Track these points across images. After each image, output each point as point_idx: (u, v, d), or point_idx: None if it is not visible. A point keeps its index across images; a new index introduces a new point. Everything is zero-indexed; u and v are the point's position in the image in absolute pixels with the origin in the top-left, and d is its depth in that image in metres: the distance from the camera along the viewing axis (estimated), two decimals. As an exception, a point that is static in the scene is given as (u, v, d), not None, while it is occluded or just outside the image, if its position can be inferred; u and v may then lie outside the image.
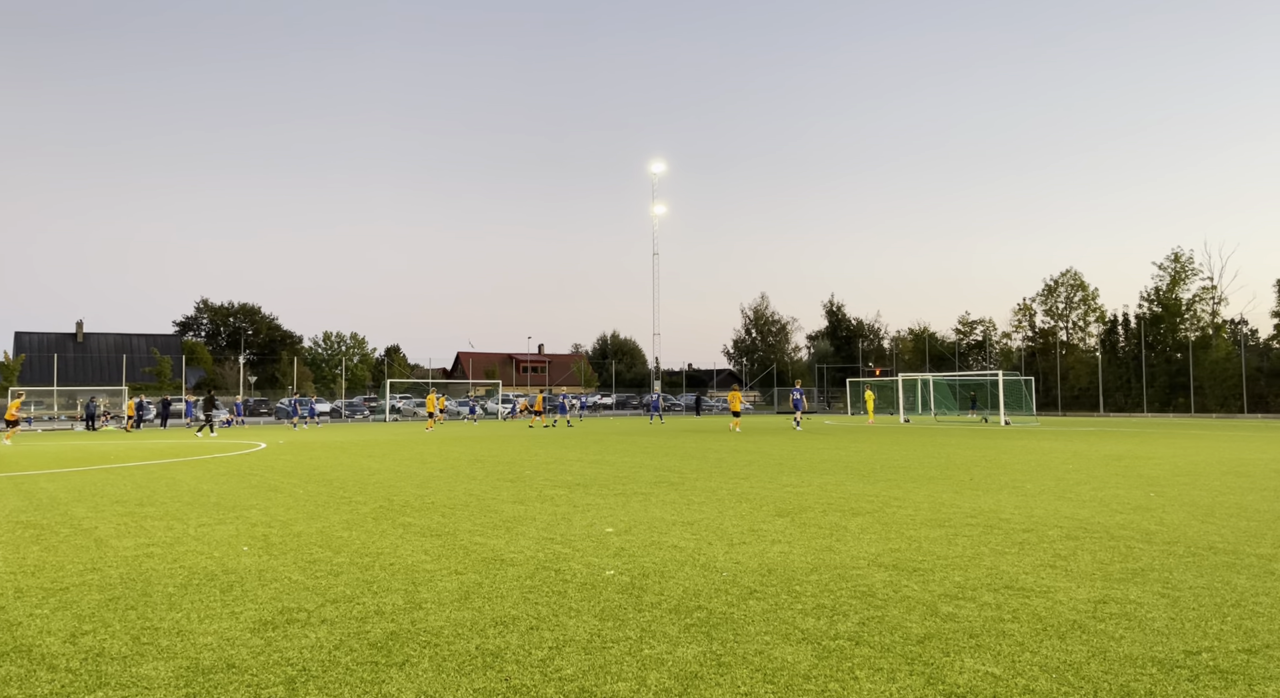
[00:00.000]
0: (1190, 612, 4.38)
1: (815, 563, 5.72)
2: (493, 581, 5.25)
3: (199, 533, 7.24)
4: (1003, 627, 4.13)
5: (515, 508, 8.66)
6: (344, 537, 6.97)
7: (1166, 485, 10.37)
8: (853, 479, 11.40)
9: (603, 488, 10.47)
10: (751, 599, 4.73)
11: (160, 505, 9.17)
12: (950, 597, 4.74)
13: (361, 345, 76.77)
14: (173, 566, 5.82)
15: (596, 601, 4.73)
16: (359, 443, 22.98)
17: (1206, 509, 8.20)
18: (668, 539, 6.69)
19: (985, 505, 8.57)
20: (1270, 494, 9.40)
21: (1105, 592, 4.83)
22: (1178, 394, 56.44)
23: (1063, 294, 67.81)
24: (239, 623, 4.33)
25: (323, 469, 13.83)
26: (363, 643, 3.97)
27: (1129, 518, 7.64)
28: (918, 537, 6.72)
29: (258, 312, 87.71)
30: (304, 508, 8.85)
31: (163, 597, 4.91)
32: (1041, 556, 5.91)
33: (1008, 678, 3.41)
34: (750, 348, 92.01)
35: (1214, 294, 59.92)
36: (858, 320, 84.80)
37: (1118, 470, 12.51)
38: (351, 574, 5.49)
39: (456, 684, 3.41)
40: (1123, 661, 3.62)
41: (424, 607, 4.63)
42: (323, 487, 10.99)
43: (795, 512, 8.22)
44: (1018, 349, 68.57)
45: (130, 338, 73.02)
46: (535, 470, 13.15)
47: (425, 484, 11.18)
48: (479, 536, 6.95)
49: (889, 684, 3.36)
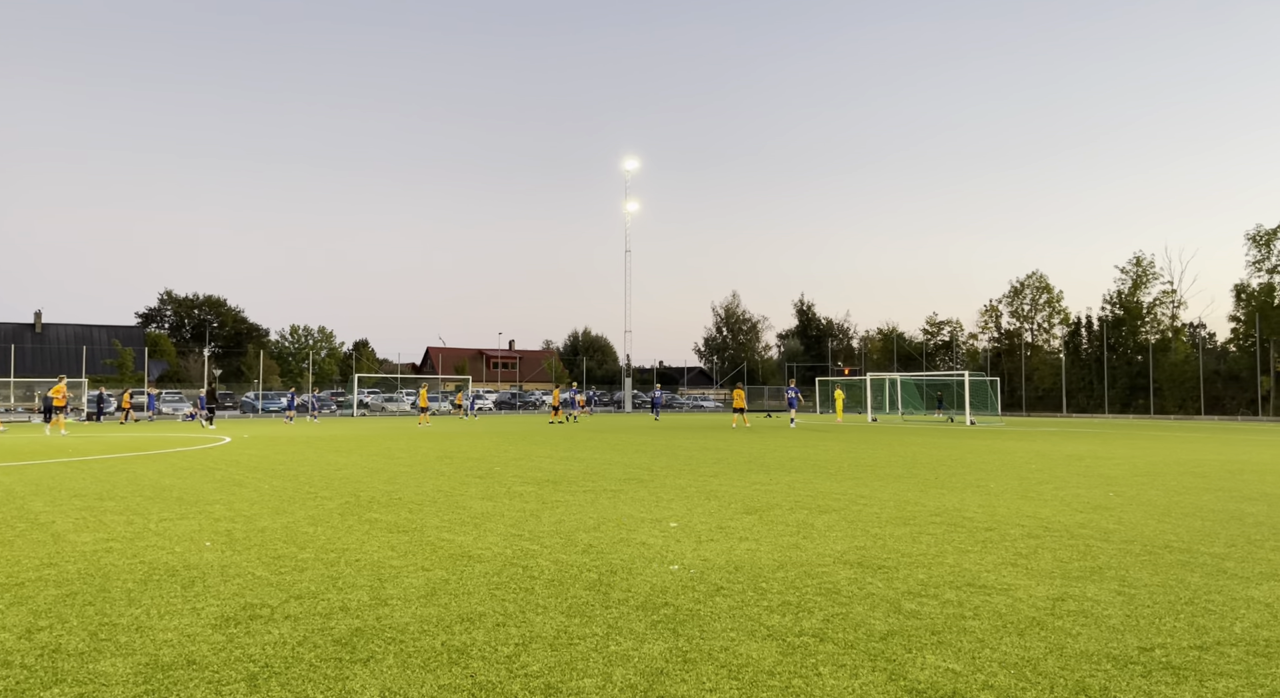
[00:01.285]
0: (1145, 609, 4.49)
1: (782, 560, 5.76)
2: (459, 577, 5.23)
3: (160, 528, 7.12)
4: (964, 624, 4.20)
5: (484, 504, 8.63)
6: (309, 532, 6.90)
7: (1125, 485, 10.58)
8: (820, 477, 11.50)
9: (572, 485, 10.47)
10: (718, 596, 4.76)
11: (120, 500, 9.01)
12: (913, 594, 4.80)
13: (329, 339, 76.00)
14: (132, 561, 5.73)
15: (564, 597, 4.73)
16: (326, 438, 22.74)
17: (1163, 509, 8.39)
18: (636, 536, 6.71)
19: (949, 504, 8.69)
20: (1224, 494, 9.63)
21: (1064, 589, 4.92)
22: (1138, 396, 57.59)
23: (1028, 296, 68.86)
24: (200, 619, 4.28)
25: (288, 464, 13.67)
26: (327, 639, 3.94)
27: (1089, 517, 7.79)
28: (883, 534, 6.80)
29: (223, 304, 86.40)
30: (268, 503, 8.74)
31: (122, 593, 4.83)
32: (1003, 554, 6.01)
33: (968, 674, 3.47)
34: (721, 346, 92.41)
35: (1174, 298, 61.21)
36: (827, 320, 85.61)
37: (1079, 470, 12.74)
38: (316, 570, 5.43)
39: (421, 681, 3.40)
40: (1079, 657, 3.69)
41: (389, 603, 4.60)
42: (288, 482, 10.87)
43: (763, 509, 8.27)
44: (984, 350, 69.53)
45: (91, 329, 71.52)
46: (505, 467, 13.11)
47: (393, 480, 11.10)
48: (446, 532, 6.92)
49: (852, 681, 3.40)
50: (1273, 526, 7.33)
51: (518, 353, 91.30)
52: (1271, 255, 54.68)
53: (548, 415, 44.94)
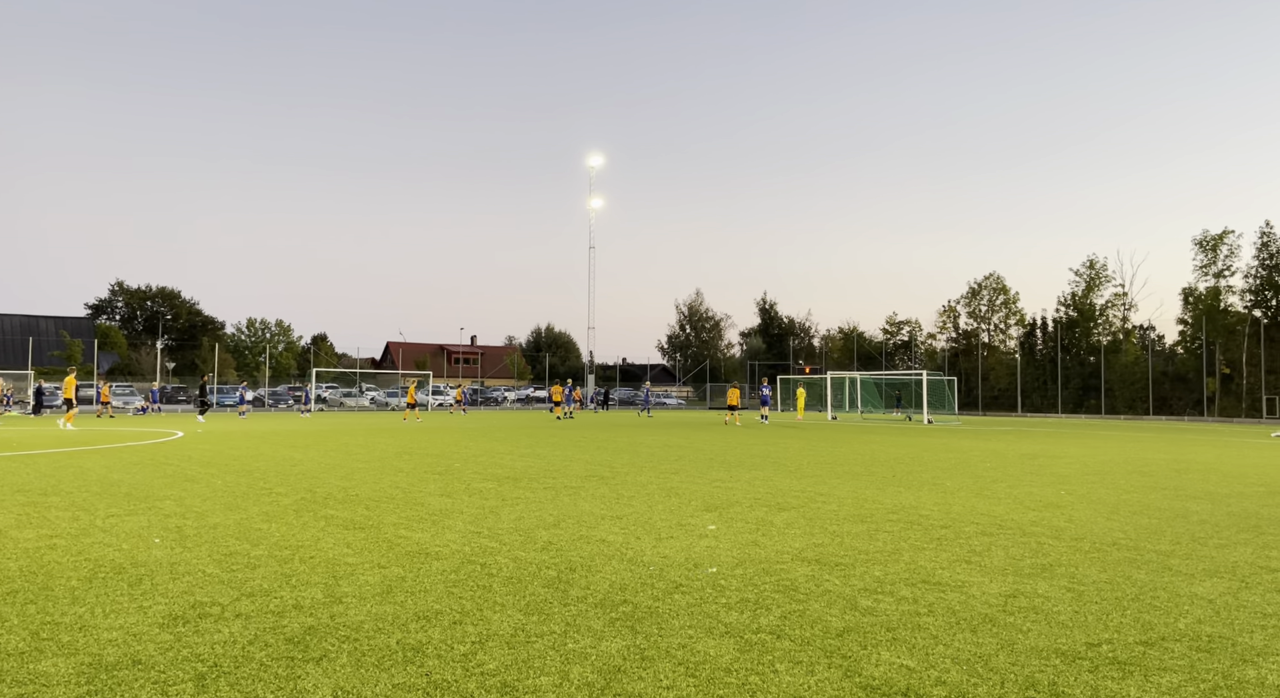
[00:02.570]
0: (1093, 606, 4.58)
1: (740, 557, 5.79)
2: (416, 575, 5.17)
3: (107, 524, 6.94)
4: (919, 620, 4.25)
5: (442, 501, 8.54)
6: (263, 529, 6.77)
7: (1076, 484, 10.82)
8: (780, 475, 11.58)
9: (533, 482, 10.42)
10: (677, 593, 4.77)
11: (66, 495, 8.76)
12: (869, 591, 4.85)
13: (287, 333, 74.68)
14: (77, 558, 5.57)
15: (522, 595, 4.70)
16: (282, 433, 22.37)
17: (1112, 507, 8.59)
18: (596, 533, 6.69)
19: (906, 502, 8.80)
20: (1169, 493, 9.89)
21: (1016, 586, 5.01)
22: (1090, 396, 58.91)
23: (985, 297, 70.03)
24: (147, 618, 4.17)
25: (243, 459, 13.41)
26: (279, 638, 3.87)
27: (1041, 515, 7.95)
28: (841, 532, 6.87)
29: (177, 296, 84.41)
30: (221, 499, 8.57)
31: (65, 591, 4.70)
32: (958, 551, 6.10)
33: (921, 670, 3.51)
34: (684, 344, 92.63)
35: (1125, 300, 62.72)
36: (789, 319, 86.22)
37: (1032, 469, 12.99)
38: (269, 567, 5.34)
39: (375, 680, 3.35)
40: (1029, 652, 3.76)
41: (344, 601, 4.53)
42: (242, 477, 10.66)
43: (723, 506, 8.31)
44: (942, 350, 70.58)
45: (38, 319, 69.53)
46: (464, 464, 13.01)
47: (350, 476, 10.95)
48: (404, 529, 6.84)
49: (808, 677, 3.42)
50: (1215, 523, 7.54)
51: (480, 348, 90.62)
52: (1218, 260, 56.25)
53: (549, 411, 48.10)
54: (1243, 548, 6.34)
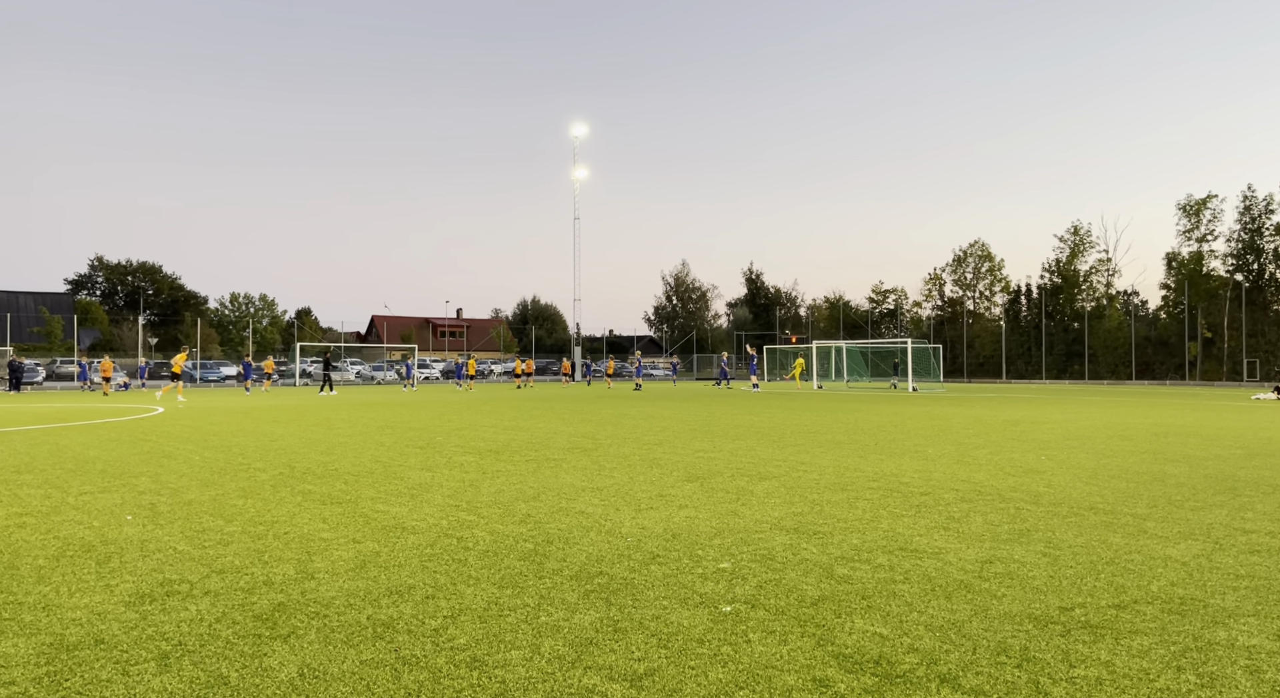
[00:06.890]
0: (1068, 570, 4.59)
1: (719, 527, 5.77)
2: (391, 549, 5.12)
3: (79, 502, 6.85)
4: (894, 588, 4.24)
5: (422, 475, 8.49)
6: (238, 505, 6.70)
7: (1057, 449, 10.87)
8: (763, 444, 11.59)
9: (515, 454, 10.38)
10: (653, 564, 4.74)
11: (39, 473, 8.66)
12: (846, 559, 4.84)
13: (271, 307, 74.06)
14: (46, 536, 5.49)
15: (497, 568, 4.66)
16: (263, 408, 22.23)
17: (1091, 472, 8.63)
18: (575, 505, 6.66)
19: (887, 470, 8.82)
20: (1148, 456, 9.95)
21: (992, 552, 5.01)
22: (1073, 362, 59.35)
23: (971, 265, 70.20)
24: (113, 596, 4.11)
25: (222, 435, 13.30)
26: (247, 615, 3.81)
27: (1020, 481, 7.98)
28: (820, 500, 6.86)
29: (159, 271, 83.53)
30: (198, 475, 8.48)
31: (31, 570, 4.62)
32: (936, 518, 6.10)
33: (894, 638, 3.50)
34: (671, 315, 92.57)
35: (1109, 266, 62.99)
36: (776, 289, 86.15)
37: (1014, 435, 13.06)
38: (242, 544, 5.27)
39: (343, 656, 3.30)
40: (1002, 618, 3.75)
41: (316, 577, 4.48)
42: (220, 453, 10.57)
43: (704, 476, 8.29)
44: (927, 318, 70.83)
45: (16, 295, 68.73)
46: (446, 437, 12.95)
47: (330, 451, 10.87)
48: (381, 503, 6.78)
49: (780, 647, 3.40)
50: (1192, 486, 7.59)
51: (465, 321, 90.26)
52: (1201, 224, 56.48)
53: (561, 382, 53.89)
54: (1218, 510, 6.38)
